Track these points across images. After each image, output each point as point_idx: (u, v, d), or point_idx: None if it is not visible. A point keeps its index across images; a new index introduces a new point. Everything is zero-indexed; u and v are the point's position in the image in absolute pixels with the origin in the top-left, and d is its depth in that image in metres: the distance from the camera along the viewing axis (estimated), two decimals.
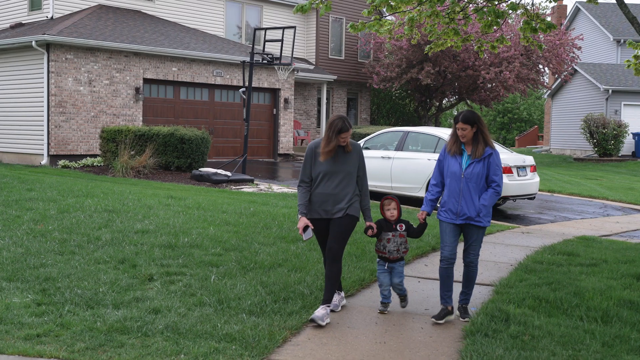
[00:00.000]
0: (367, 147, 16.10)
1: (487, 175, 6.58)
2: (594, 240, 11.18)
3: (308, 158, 6.77)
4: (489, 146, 6.60)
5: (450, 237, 6.65)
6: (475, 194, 6.55)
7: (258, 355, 5.38)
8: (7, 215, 10.27)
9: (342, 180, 6.63)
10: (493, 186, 6.58)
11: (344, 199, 6.62)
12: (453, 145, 6.69)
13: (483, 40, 11.25)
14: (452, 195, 6.61)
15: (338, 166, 6.66)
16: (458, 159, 6.64)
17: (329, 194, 6.63)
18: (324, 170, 6.64)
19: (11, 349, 5.34)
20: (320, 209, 6.67)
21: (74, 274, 7.35)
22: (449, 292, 6.69)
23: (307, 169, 6.75)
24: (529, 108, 61.06)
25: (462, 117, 6.57)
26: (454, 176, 6.61)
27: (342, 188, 6.63)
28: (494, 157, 6.62)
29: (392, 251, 6.85)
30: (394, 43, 29.74)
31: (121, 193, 13.02)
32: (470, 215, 6.55)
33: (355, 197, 6.69)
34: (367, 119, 34.91)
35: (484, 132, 6.59)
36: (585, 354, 5.59)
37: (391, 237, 6.85)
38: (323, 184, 6.64)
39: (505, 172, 13.99)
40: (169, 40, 23.71)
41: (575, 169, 28.57)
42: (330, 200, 6.64)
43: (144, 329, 5.83)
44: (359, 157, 6.77)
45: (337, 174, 6.64)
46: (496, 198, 6.60)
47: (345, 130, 6.53)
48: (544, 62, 31.03)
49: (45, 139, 20.73)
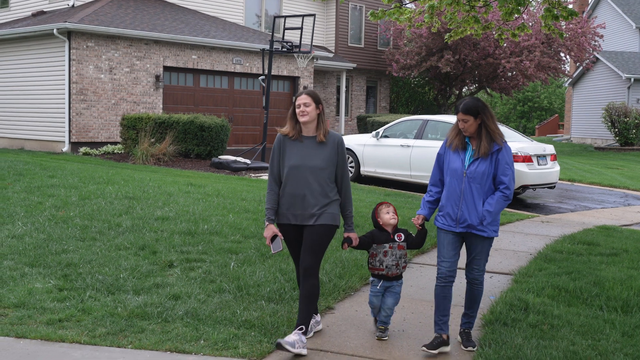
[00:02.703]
0: (386, 135, 16.09)
1: (494, 175, 5.47)
2: (615, 229, 11.11)
3: (276, 149, 5.60)
4: (497, 141, 5.46)
5: (449, 249, 5.54)
6: (479, 196, 5.44)
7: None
8: (30, 201, 10.37)
9: (312, 177, 5.44)
10: (501, 188, 5.45)
11: (315, 201, 5.44)
12: (455, 138, 5.59)
13: (504, 28, 11.16)
14: (451, 197, 5.51)
15: (307, 159, 5.47)
16: (461, 154, 5.52)
17: (297, 194, 5.46)
18: (290, 164, 5.48)
19: (34, 334, 5.42)
20: (289, 213, 5.51)
21: (95, 260, 7.42)
22: (445, 317, 5.54)
23: (275, 163, 5.59)
24: (549, 96, 60.63)
25: (463, 107, 5.46)
26: (454, 174, 5.50)
27: (312, 188, 5.44)
28: (504, 153, 5.47)
29: (390, 266, 5.70)
30: (413, 31, 29.57)
31: (141, 180, 13.10)
32: (472, 222, 5.44)
33: (332, 201, 5.51)
34: (386, 107, 34.81)
35: (489, 125, 5.46)
36: (604, 344, 5.57)
37: (389, 250, 5.70)
38: (290, 181, 5.48)
39: (526, 160, 13.93)
40: (189, 28, 23.74)
41: (596, 158, 28.34)
42: (299, 203, 5.47)
43: (164, 314, 5.89)
44: (336, 150, 5.53)
45: (306, 169, 5.44)
46: (504, 204, 5.48)
47: (299, 95, 5.49)
48: (565, 50, 30.75)
49: (66, 126, 20.87)
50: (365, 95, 34.03)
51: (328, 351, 5.38)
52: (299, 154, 5.47)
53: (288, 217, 5.51)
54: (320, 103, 5.51)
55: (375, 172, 16.28)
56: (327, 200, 5.47)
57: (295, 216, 5.49)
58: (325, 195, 5.47)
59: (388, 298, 5.72)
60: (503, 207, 5.48)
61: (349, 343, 5.54)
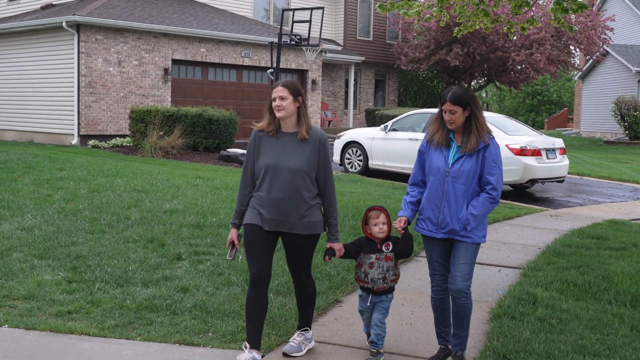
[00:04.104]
0: (394, 128, 16.08)
1: (480, 175, 4.91)
2: (624, 224, 11.07)
3: (250, 146, 4.99)
4: (483, 138, 4.88)
5: (438, 261, 5.05)
6: (463, 198, 4.88)
7: (285, 335, 5.42)
8: (39, 194, 10.41)
9: (289, 179, 4.82)
10: (487, 189, 4.88)
11: (292, 208, 4.84)
12: (437, 132, 5.00)
13: (513, 22, 11.11)
14: (432, 199, 4.96)
15: (284, 159, 4.85)
16: (444, 151, 4.96)
17: (271, 198, 4.83)
18: (265, 163, 4.86)
19: (43, 325, 5.44)
20: (261, 218, 4.90)
21: (104, 253, 7.45)
22: (447, 327, 5.18)
23: (249, 162, 4.98)
24: (558, 90, 60.45)
25: (451, 96, 4.85)
26: (437, 173, 4.95)
27: (289, 191, 4.82)
28: (491, 151, 4.90)
29: (376, 280, 5.07)
30: (422, 24, 29.52)
31: (150, 173, 13.13)
32: (454, 227, 4.89)
33: (311, 206, 4.90)
34: (394, 101, 34.76)
35: (479, 117, 4.89)
36: (613, 338, 5.56)
37: (375, 261, 5.07)
38: (265, 184, 4.86)
39: (535, 154, 13.90)
40: (198, 21, 23.75)
41: (605, 152, 28.23)
42: (274, 209, 4.85)
43: (172, 307, 5.91)
44: (318, 149, 4.89)
45: (283, 170, 4.82)
46: (491, 206, 4.92)
47: (274, 87, 4.90)
48: (575, 43, 30.63)
49: (75, 119, 20.93)
50: (374, 88, 33.99)
51: (336, 344, 5.38)
52: (275, 153, 4.85)
53: (260, 220, 4.88)
54: (299, 95, 4.89)
55: (383, 165, 16.27)
56: (306, 207, 4.87)
57: (267, 221, 4.87)
58: (304, 200, 4.85)
59: (376, 313, 5.14)
60: (489, 210, 4.94)
61: (357, 336, 5.54)
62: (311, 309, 5.26)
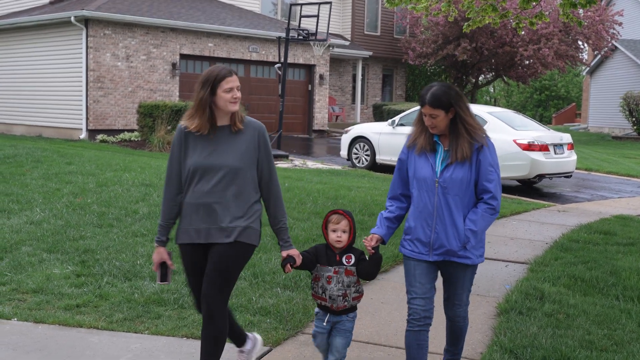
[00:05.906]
0: (402, 123, 16.06)
1: (476, 181, 4.15)
2: (632, 219, 11.05)
3: (175, 145, 4.20)
4: (476, 138, 4.13)
5: (422, 282, 4.20)
6: (458, 212, 4.11)
7: (292, 329, 5.44)
8: (48, 188, 10.45)
9: (222, 179, 4.09)
10: (486, 199, 4.13)
11: (225, 212, 4.10)
12: (419, 136, 4.22)
13: (521, 17, 11.09)
14: (421, 216, 4.17)
15: (216, 156, 4.10)
16: (429, 157, 4.17)
17: (201, 204, 4.11)
18: (194, 164, 4.11)
19: (51, 319, 5.48)
20: (191, 229, 4.18)
21: (112, 247, 7.48)
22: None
23: (174, 164, 4.20)
24: (566, 85, 60.20)
25: (430, 98, 4.08)
26: (423, 185, 4.16)
27: (222, 194, 4.09)
28: (486, 153, 4.14)
29: (335, 298, 4.31)
30: (430, 19, 29.43)
31: (158, 167, 13.16)
32: (451, 247, 4.12)
33: (250, 211, 4.18)
34: (402, 96, 34.71)
35: (466, 119, 4.12)
36: (620, 334, 5.55)
37: (333, 275, 4.31)
38: (194, 186, 4.14)
39: (542, 149, 13.87)
40: (205, 16, 23.76)
41: (613, 148, 28.14)
42: (204, 214, 4.12)
43: (180, 301, 5.94)
44: (257, 143, 4.18)
45: (215, 169, 4.09)
46: (491, 218, 4.16)
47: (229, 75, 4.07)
48: (583, 38, 30.53)
49: (83, 113, 20.99)
50: (381, 83, 33.95)
51: None
52: (205, 150, 4.11)
53: (190, 233, 4.19)
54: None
55: (391, 160, 16.26)
56: (243, 211, 4.15)
57: (198, 232, 4.16)
58: (241, 204, 4.14)
59: (336, 337, 4.37)
60: (490, 222, 4.18)
61: (363, 331, 5.55)
62: (218, 352, 4.21)
